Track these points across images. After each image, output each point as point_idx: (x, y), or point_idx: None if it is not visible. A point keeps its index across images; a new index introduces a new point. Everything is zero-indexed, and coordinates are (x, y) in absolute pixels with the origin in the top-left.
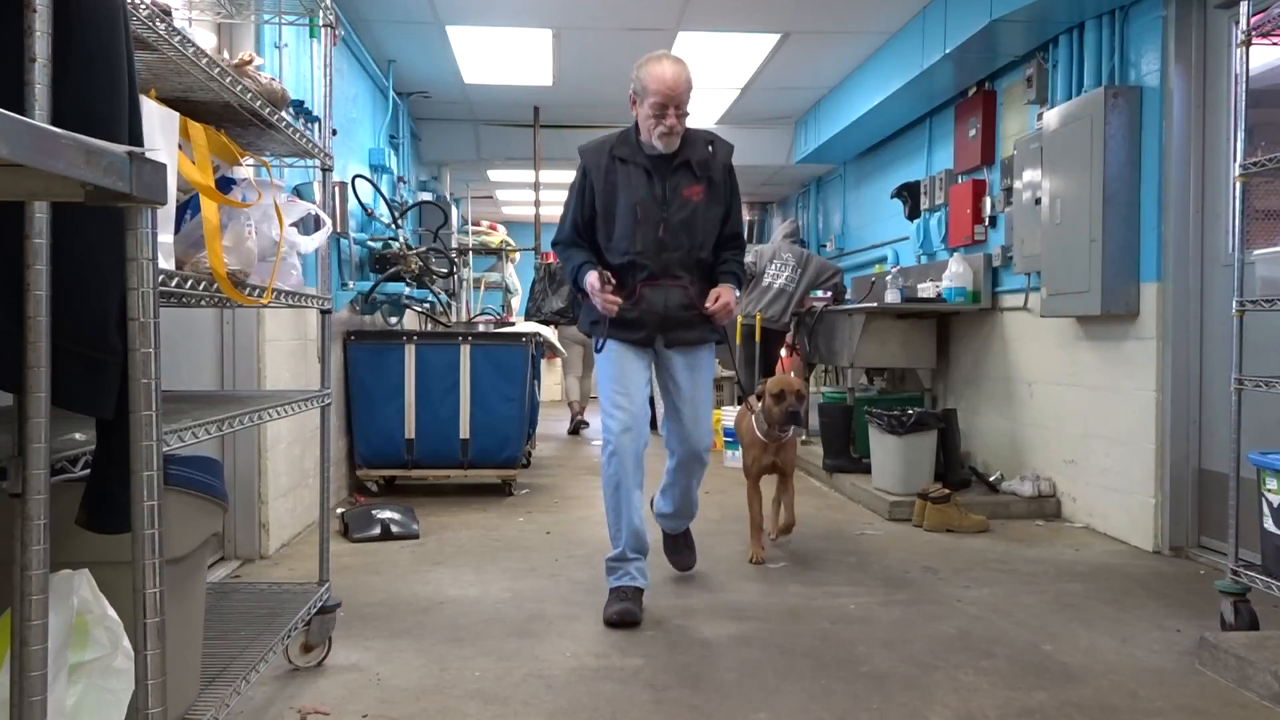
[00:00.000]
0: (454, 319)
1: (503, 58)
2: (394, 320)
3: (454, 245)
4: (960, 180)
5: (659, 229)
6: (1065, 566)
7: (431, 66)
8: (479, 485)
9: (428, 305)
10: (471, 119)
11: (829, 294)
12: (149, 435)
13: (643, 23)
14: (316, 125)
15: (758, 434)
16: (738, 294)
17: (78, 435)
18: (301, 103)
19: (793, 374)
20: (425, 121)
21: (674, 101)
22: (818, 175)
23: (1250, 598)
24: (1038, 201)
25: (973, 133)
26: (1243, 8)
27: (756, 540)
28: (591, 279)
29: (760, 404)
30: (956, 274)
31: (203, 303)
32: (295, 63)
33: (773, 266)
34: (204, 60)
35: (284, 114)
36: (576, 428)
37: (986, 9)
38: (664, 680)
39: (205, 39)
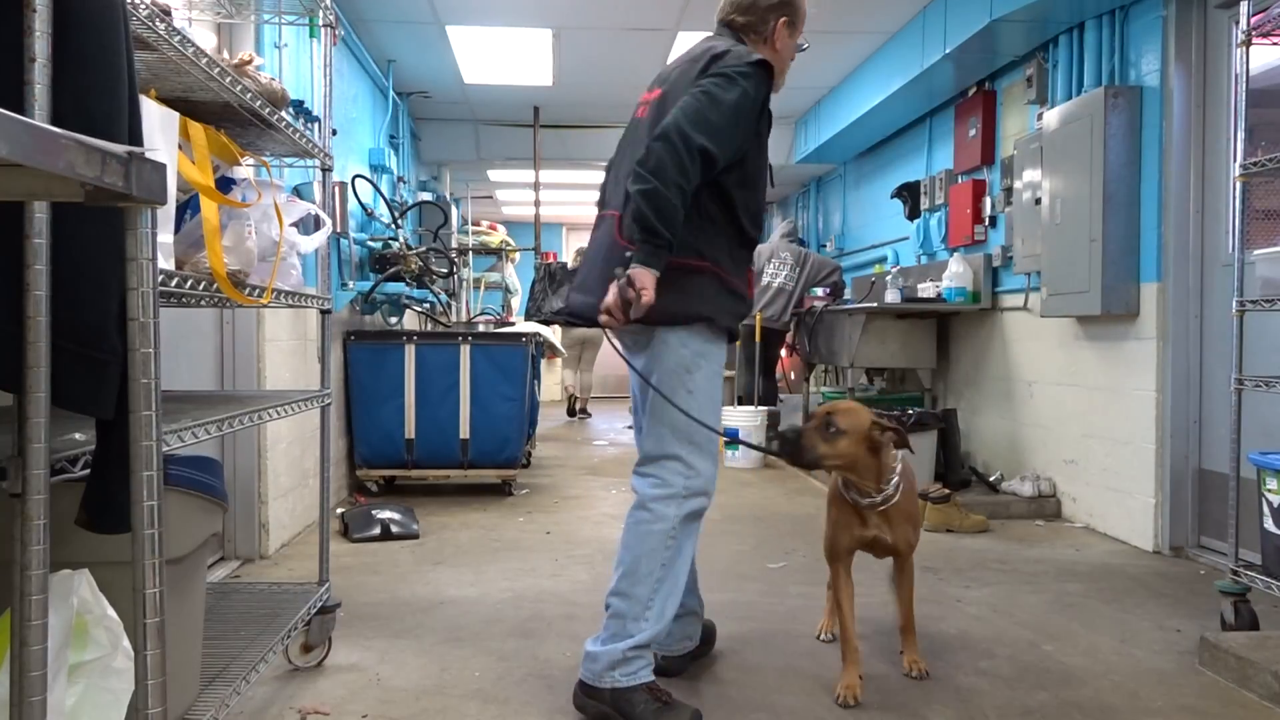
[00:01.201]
0: (454, 319)
1: (503, 58)
2: (394, 320)
3: (454, 245)
4: (960, 180)
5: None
6: (1065, 566)
7: (431, 66)
8: (479, 485)
9: (428, 305)
10: (471, 119)
11: (828, 291)
12: (149, 435)
13: (643, 23)
14: (316, 125)
15: (840, 492)
16: None
17: (78, 435)
18: (301, 103)
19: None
20: (425, 121)
21: None
22: (818, 175)
23: (1250, 598)
24: (1038, 201)
25: (973, 133)
26: (1243, 8)
27: (850, 663)
28: None
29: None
30: (956, 274)
31: (203, 303)
32: (295, 63)
33: (771, 265)
34: (204, 60)
35: (284, 114)
36: (574, 411)
37: (986, 9)
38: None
39: (205, 39)
